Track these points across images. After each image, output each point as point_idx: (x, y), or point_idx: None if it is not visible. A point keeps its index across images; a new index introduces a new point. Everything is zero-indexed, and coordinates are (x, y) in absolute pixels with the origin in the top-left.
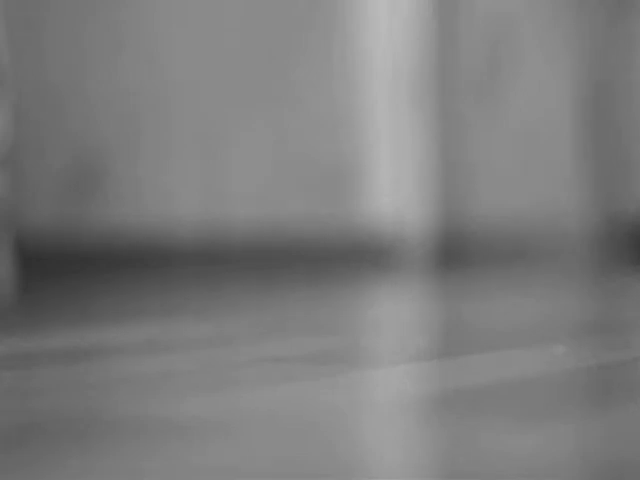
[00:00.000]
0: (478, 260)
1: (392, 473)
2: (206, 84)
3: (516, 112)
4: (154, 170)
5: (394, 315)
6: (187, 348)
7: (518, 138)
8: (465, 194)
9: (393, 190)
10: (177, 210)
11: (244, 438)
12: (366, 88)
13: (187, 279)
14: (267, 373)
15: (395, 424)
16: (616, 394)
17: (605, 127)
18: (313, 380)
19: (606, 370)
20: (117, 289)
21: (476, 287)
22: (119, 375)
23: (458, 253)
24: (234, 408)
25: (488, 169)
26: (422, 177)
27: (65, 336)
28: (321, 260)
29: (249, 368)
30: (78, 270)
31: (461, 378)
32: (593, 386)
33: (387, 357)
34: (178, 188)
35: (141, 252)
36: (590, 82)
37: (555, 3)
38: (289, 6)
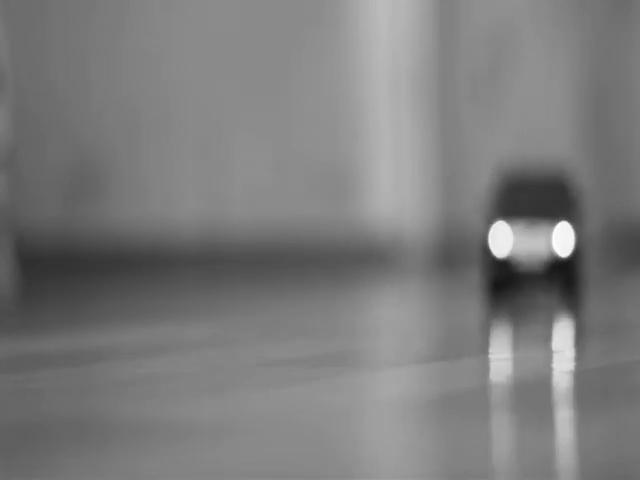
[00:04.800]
0: (477, 260)
1: (392, 473)
2: (207, 86)
3: (516, 112)
4: (156, 172)
5: (394, 316)
6: (188, 350)
7: (518, 139)
8: (465, 194)
9: (393, 191)
10: (178, 212)
11: (244, 439)
12: (366, 90)
13: (188, 281)
14: (267, 375)
15: (395, 425)
16: (615, 395)
17: (605, 128)
18: (313, 382)
19: (606, 372)
20: (118, 291)
21: (474, 288)
22: (120, 377)
23: (458, 253)
24: (234, 410)
25: (488, 170)
26: (422, 178)
27: (66, 338)
28: (321, 261)
29: (249, 370)
30: (79, 272)
31: (461, 379)
32: (593, 387)
33: (387, 359)
34: (179, 190)
35: (142, 254)
36: (590, 83)
37: (556, 4)
38: (290, 8)
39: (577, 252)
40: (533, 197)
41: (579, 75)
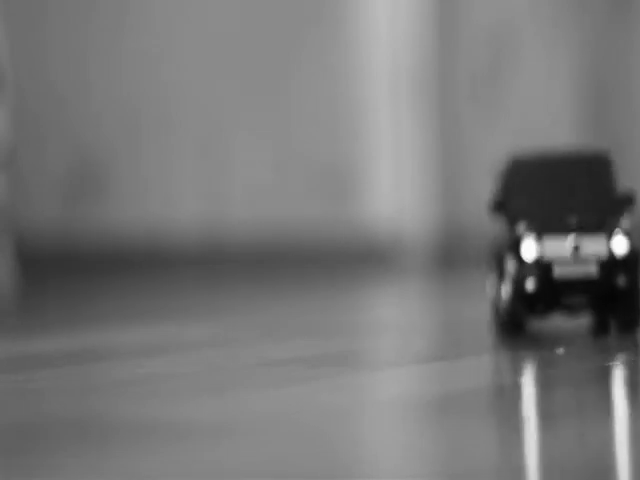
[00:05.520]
0: (477, 261)
1: (392, 473)
2: (207, 86)
3: (516, 112)
4: (156, 172)
5: (394, 316)
6: (188, 350)
7: (518, 140)
8: (465, 194)
9: (393, 191)
10: (178, 212)
11: (244, 439)
12: (366, 90)
13: (188, 281)
14: (267, 375)
15: (395, 425)
16: (615, 396)
17: (605, 128)
18: (313, 382)
19: (605, 372)
20: (118, 291)
21: (474, 288)
22: (120, 377)
23: (458, 253)
24: (234, 410)
25: (488, 170)
26: (422, 178)
27: (66, 338)
28: (321, 261)
29: (249, 370)
30: (79, 272)
31: (461, 379)
32: (592, 388)
33: (387, 359)
34: (179, 190)
35: (142, 254)
36: (590, 83)
37: (556, 4)
38: (290, 8)
39: (634, 254)
40: (571, 192)
41: (579, 75)
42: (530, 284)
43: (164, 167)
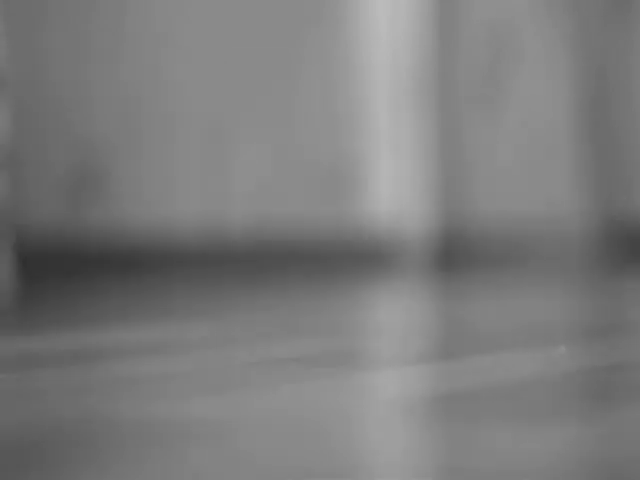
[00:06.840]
0: (477, 261)
1: (392, 473)
2: (207, 85)
3: (516, 114)
4: (155, 171)
5: (394, 316)
6: (189, 350)
7: (518, 140)
8: (465, 195)
9: (393, 191)
10: (178, 211)
11: (244, 439)
12: (366, 90)
13: (188, 280)
14: (267, 374)
15: (395, 425)
16: (615, 396)
17: (604, 129)
18: (313, 381)
19: (605, 372)
20: (118, 290)
21: (475, 288)
22: (120, 376)
23: (457, 254)
24: (234, 410)
25: (488, 170)
26: (422, 178)
27: (66, 338)
28: (321, 260)
29: (250, 370)
30: (79, 271)
31: (461, 380)
32: (592, 388)
33: (387, 359)
34: (179, 189)
35: (142, 253)
36: (590, 83)
37: (556, 4)
38: (290, 8)
39: None
40: None
41: (579, 75)
42: None
43: (164, 167)
